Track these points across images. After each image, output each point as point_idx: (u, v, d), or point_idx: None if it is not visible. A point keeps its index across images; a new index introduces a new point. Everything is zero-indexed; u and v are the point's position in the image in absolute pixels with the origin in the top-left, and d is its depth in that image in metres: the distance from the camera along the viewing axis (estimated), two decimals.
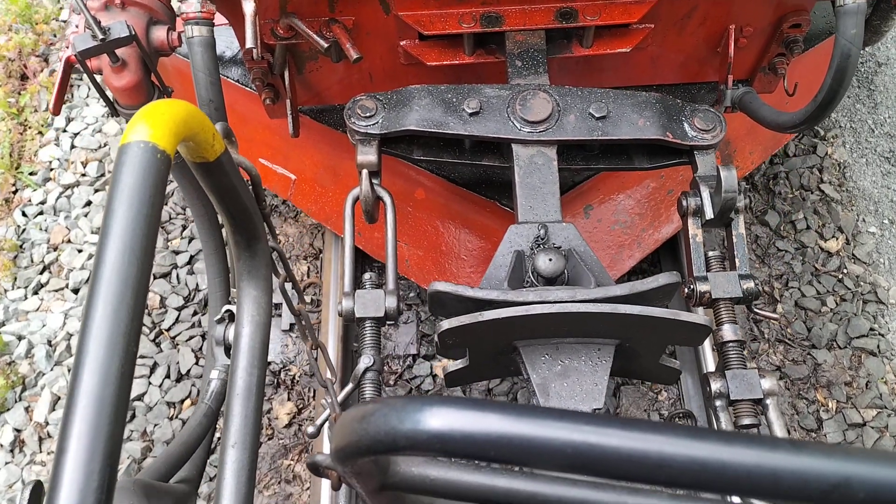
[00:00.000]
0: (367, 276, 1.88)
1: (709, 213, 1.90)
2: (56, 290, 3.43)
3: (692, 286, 1.87)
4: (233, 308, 1.93)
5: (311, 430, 1.77)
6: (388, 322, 1.85)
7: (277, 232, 3.46)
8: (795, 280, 3.26)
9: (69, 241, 3.56)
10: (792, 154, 3.63)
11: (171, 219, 3.57)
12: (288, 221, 3.47)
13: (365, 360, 1.78)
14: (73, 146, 3.86)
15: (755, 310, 1.95)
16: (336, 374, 1.78)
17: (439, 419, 0.60)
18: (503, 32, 2.12)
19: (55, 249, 3.54)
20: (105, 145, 3.83)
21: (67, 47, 1.96)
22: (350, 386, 1.77)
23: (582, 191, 2.64)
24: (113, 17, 1.86)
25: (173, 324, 3.27)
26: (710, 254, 1.91)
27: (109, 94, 1.96)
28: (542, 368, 1.71)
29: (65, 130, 3.91)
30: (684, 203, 1.94)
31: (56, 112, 1.93)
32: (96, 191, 3.72)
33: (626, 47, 2.18)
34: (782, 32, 2.29)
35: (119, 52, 1.81)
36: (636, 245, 2.78)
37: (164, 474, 1.76)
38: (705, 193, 1.91)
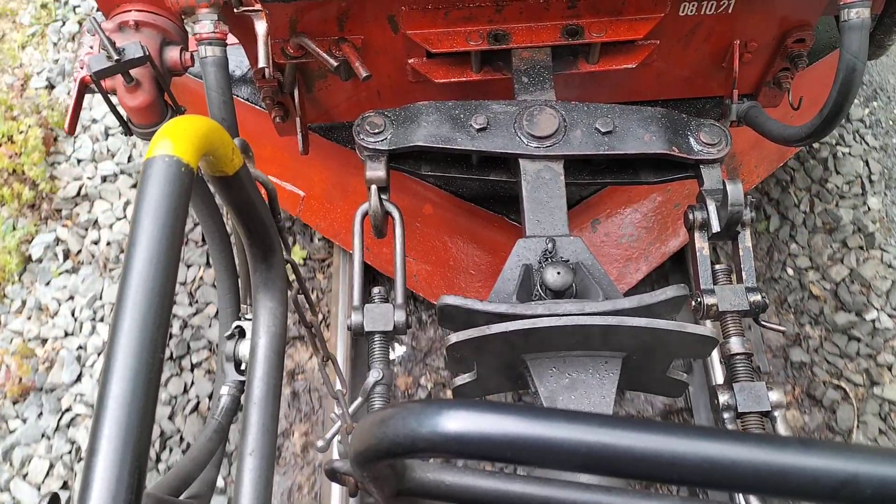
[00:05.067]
0: (375, 290, 1.89)
1: (715, 227, 1.92)
2: None
3: (699, 299, 1.88)
4: (243, 324, 1.94)
5: (320, 443, 1.77)
6: (396, 335, 1.87)
7: None
8: None
9: None
10: None
11: None
12: None
13: (374, 374, 1.79)
14: None
15: (762, 322, 1.96)
16: (346, 386, 1.79)
17: (457, 421, 0.62)
18: (510, 50, 2.15)
19: None
20: None
21: (82, 68, 1.99)
22: (360, 400, 1.78)
23: (589, 205, 2.66)
24: (127, 37, 1.90)
25: None
26: (717, 267, 1.92)
27: (123, 113, 1.99)
28: (549, 381, 1.72)
29: None
30: (691, 217, 1.96)
31: (71, 132, 1.96)
32: None
33: (632, 63, 2.21)
34: (786, 47, 2.31)
35: (133, 72, 1.84)
36: (643, 258, 2.80)
37: (176, 489, 1.77)
38: (711, 207, 1.93)
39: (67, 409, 3.07)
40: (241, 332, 1.96)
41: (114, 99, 1.94)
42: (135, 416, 0.64)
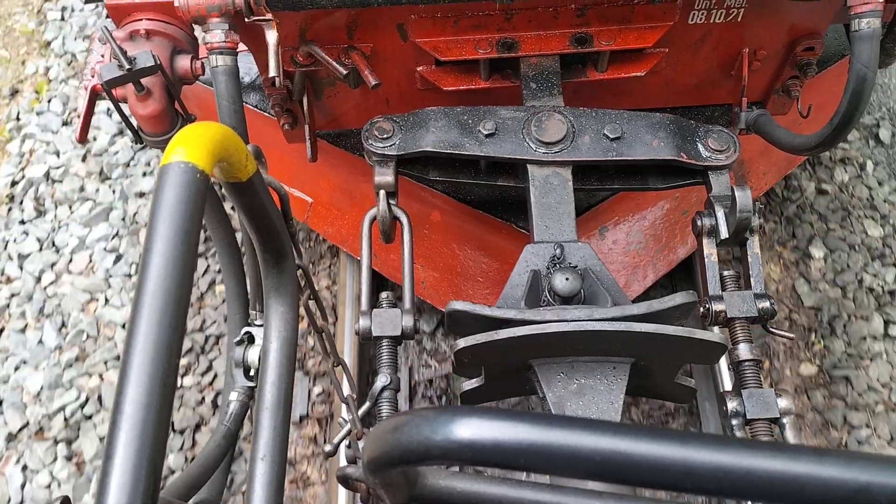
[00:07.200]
0: (384, 294, 1.89)
1: (723, 233, 1.92)
2: None
3: (707, 305, 1.88)
4: (252, 330, 1.95)
5: (328, 447, 1.77)
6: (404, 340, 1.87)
7: None
8: None
9: None
10: None
11: None
12: None
13: (382, 379, 1.79)
14: None
15: (771, 329, 1.95)
16: (355, 391, 1.80)
17: (471, 429, 0.62)
18: (519, 57, 2.15)
19: None
20: None
21: (93, 76, 2.01)
22: (367, 404, 1.78)
23: (597, 212, 2.66)
24: (138, 46, 1.91)
25: None
26: (725, 273, 1.92)
27: (134, 121, 2.00)
28: (557, 387, 1.72)
29: None
30: (699, 223, 1.96)
31: (82, 140, 1.97)
32: None
33: (641, 71, 2.21)
34: (795, 55, 2.31)
35: (144, 80, 1.84)
36: (651, 266, 2.79)
37: (185, 494, 1.78)
38: (720, 213, 1.93)
39: None
40: (251, 338, 1.97)
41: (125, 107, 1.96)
42: (150, 422, 0.65)
